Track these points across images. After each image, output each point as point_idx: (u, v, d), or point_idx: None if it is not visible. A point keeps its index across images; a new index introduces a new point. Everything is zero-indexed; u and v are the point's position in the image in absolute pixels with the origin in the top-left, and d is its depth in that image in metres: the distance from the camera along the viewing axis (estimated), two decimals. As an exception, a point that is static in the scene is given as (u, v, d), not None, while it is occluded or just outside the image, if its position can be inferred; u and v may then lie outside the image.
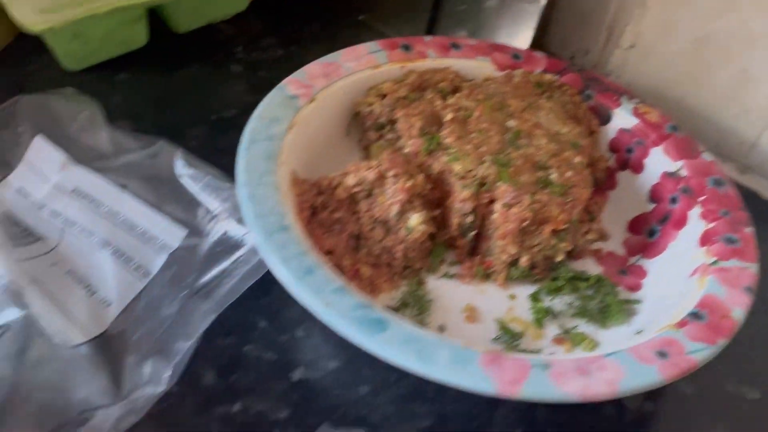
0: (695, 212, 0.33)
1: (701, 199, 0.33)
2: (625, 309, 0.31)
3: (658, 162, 0.36)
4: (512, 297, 0.32)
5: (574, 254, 0.34)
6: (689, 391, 0.30)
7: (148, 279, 0.30)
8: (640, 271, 0.34)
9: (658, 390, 0.30)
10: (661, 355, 0.26)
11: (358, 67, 0.37)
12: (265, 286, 0.31)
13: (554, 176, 0.32)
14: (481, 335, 0.30)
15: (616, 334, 0.31)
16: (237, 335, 0.29)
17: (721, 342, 0.27)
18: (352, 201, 0.32)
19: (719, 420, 0.30)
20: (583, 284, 0.32)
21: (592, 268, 0.34)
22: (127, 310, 0.29)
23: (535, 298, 0.32)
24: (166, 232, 0.32)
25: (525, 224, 0.31)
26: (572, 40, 0.47)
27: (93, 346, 0.27)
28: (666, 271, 0.33)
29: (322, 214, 0.32)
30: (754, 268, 0.30)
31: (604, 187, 0.37)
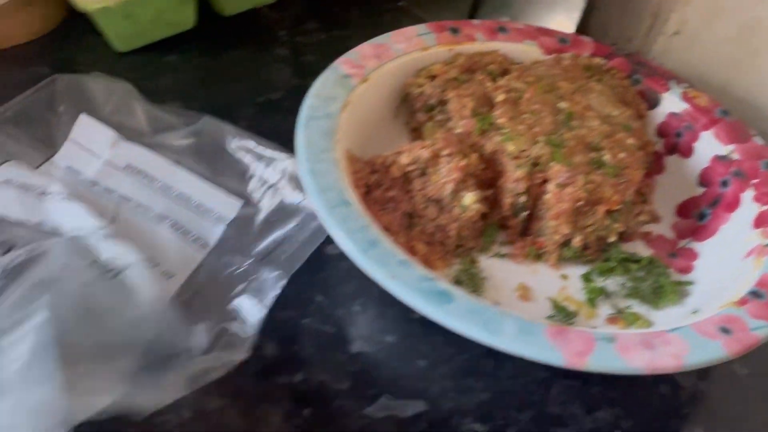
0: (748, 195, 0.33)
1: (754, 182, 0.33)
2: (678, 290, 0.31)
3: (708, 146, 0.36)
4: (564, 277, 0.32)
5: (625, 236, 0.34)
6: (743, 372, 0.30)
7: (207, 250, 0.30)
8: (690, 254, 0.34)
9: (711, 370, 0.30)
10: (725, 331, 0.26)
11: (407, 49, 0.37)
12: (319, 264, 0.31)
13: (607, 157, 0.32)
14: (535, 313, 0.30)
15: (669, 314, 0.31)
16: (295, 309, 0.29)
17: (782, 320, 0.27)
18: (406, 180, 0.32)
19: (773, 401, 0.30)
20: (634, 266, 0.33)
21: (642, 250, 0.34)
22: (190, 281, 0.29)
23: (587, 279, 0.32)
24: (222, 203, 0.32)
25: (579, 204, 0.31)
26: (615, 27, 0.47)
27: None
28: (718, 253, 0.33)
29: (375, 193, 0.32)
30: (810, 249, 0.30)
31: (652, 171, 0.37)
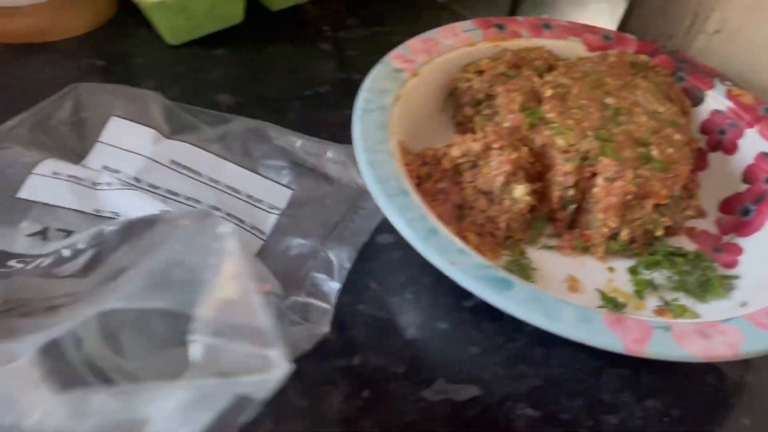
0: (794, 192, 0.34)
1: (800, 179, 0.34)
2: (725, 284, 0.32)
3: (753, 143, 0.36)
4: (611, 270, 0.33)
5: (670, 231, 0.34)
6: (789, 366, 0.31)
7: (265, 236, 0.31)
8: (735, 249, 0.34)
9: (757, 362, 0.31)
10: (778, 322, 0.26)
11: (455, 45, 0.38)
12: (371, 253, 0.32)
13: (655, 153, 0.33)
14: (585, 304, 0.31)
15: (716, 307, 0.31)
16: (351, 295, 0.30)
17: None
18: (457, 172, 0.33)
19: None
20: (680, 260, 0.33)
21: (686, 245, 0.35)
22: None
23: (634, 272, 0.33)
24: (272, 193, 0.33)
25: (628, 198, 0.32)
26: (655, 25, 0.48)
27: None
28: (764, 248, 0.33)
29: (426, 184, 0.33)
30: None
31: (695, 168, 0.38)
